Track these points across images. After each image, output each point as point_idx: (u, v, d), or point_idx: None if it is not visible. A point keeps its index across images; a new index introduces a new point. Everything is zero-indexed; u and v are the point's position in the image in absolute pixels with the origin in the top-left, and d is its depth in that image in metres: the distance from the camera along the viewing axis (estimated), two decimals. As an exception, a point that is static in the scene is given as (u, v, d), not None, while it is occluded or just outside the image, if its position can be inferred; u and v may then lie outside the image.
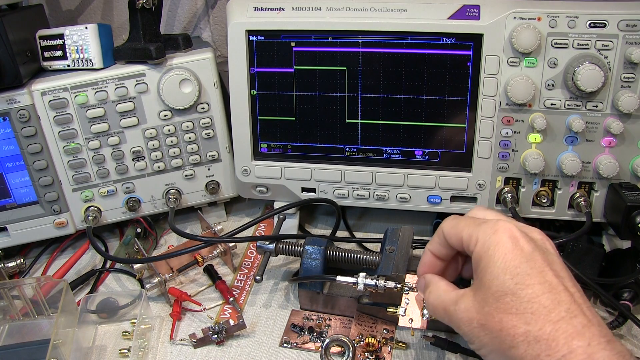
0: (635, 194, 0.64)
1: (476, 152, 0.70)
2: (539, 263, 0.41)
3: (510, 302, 0.40)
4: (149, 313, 0.67)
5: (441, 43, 0.67)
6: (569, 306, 0.38)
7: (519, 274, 0.40)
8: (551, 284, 0.39)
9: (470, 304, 0.43)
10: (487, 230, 0.44)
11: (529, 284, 0.39)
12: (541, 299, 0.39)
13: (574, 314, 0.38)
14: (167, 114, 0.75)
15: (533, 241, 0.43)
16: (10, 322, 0.68)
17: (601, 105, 0.64)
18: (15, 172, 0.74)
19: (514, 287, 0.40)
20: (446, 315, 0.47)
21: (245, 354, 0.62)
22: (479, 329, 0.42)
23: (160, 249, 0.83)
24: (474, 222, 0.46)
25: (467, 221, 0.47)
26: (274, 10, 0.70)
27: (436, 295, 0.49)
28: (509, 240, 0.42)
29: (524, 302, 0.39)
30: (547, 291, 0.39)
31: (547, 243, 0.44)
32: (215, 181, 0.81)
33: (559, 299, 0.39)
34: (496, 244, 0.42)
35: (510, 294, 0.40)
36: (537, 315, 0.38)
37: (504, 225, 0.43)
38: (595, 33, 0.62)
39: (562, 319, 0.38)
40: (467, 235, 0.45)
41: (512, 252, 0.41)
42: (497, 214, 0.48)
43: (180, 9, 0.95)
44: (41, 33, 0.73)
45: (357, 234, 0.83)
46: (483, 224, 0.45)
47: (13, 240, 0.76)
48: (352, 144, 0.74)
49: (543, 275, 0.40)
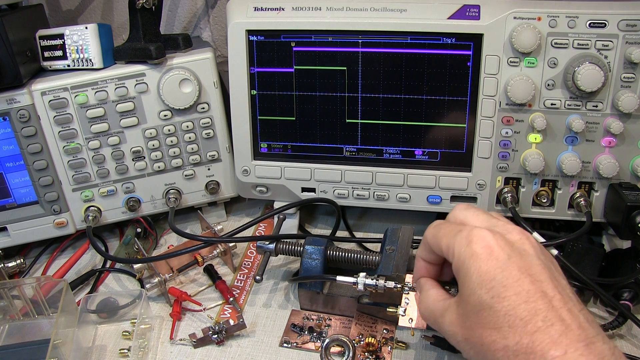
0: (635, 194, 0.64)
1: (476, 152, 0.70)
2: (515, 271, 0.40)
3: (488, 317, 0.39)
4: (149, 313, 0.67)
5: (441, 43, 0.67)
6: (546, 314, 0.38)
7: (494, 286, 0.39)
8: (528, 293, 0.39)
9: (454, 317, 0.43)
10: (461, 241, 0.43)
11: (505, 296, 0.39)
12: (517, 311, 0.38)
13: (551, 322, 0.37)
14: (167, 114, 0.75)
15: (510, 245, 0.42)
16: (10, 322, 0.68)
17: (601, 105, 0.64)
18: (15, 172, 0.74)
19: (490, 301, 0.39)
20: (436, 326, 0.47)
21: (245, 354, 0.62)
22: (464, 343, 0.42)
23: (160, 249, 0.83)
24: (452, 230, 0.45)
25: (445, 229, 0.46)
26: (274, 10, 0.70)
27: (425, 306, 0.49)
28: (483, 251, 0.41)
29: (500, 315, 0.39)
30: (523, 301, 0.38)
31: (527, 243, 0.43)
32: (215, 181, 0.81)
33: (535, 308, 0.38)
34: (470, 257, 0.41)
35: (487, 309, 0.39)
36: (514, 328, 0.38)
37: (478, 235, 0.42)
38: (595, 33, 0.62)
39: (538, 329, 0.37)
40: (445, 246, 0.45)
41: (486, 264, 0.40)
42: (475, 213, 0.47)
43: (180, 9, 0.95)
44: (41, 33, 0.73)
45: (357, 234, 0.83)
46: (459, 233, 0.44)
47: (13, 240, 0.76)
48: (352, 144, 0.74)
49: (519, 284, 0.39)
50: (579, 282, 0.62)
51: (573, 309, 0.39)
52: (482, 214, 0.47)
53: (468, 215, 0.47)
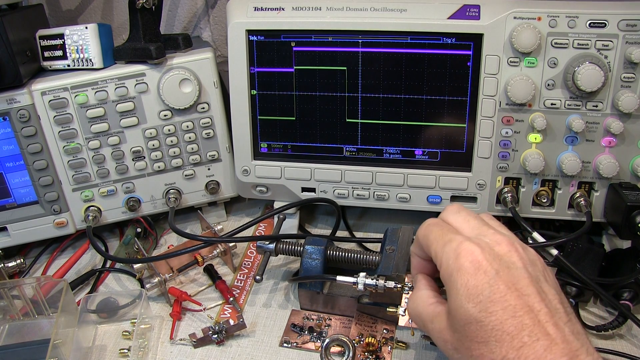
0: (635, 194, 0.64)
1: (476, 152, 0.70)
2: (502, 287, 0.40)
3: (476, 331, 0.40)
4: (149, 313, 0.67)
5: (441, 43, 0.67)
6: (532, 329, 0.38)
7: (482, 301, 0.40)
8: (514, 308, 0.39)
9: (443, 325, 0.44)
10: (450, 254, 0.43)
11: (493, 310, 0.39)
12: (504, 326, 0.39)
13: (536, 337, 0.38)
14: (167, 113, 0.75)
15: (498, 259, 0.42)
16: (10, 322, 0.68)
17: (601, 105, 0.64)
18: (15, 172, 0.74)
19: (478, 315, 0.40)
20: (424, 329, 0.47)
21: (245, 354, 0.62)
22: (453, 352, 0.43)
23: (160, 249, 0.83)
24: (441, 238, 0.45)
25: (435, 234, 0.46)
26: (274, 10, 0.70)
27: (414, 306, 0.49)
28: (471, 266, 0.41)
29: (488, 330, 0.39)
30: (510, 316, 0.39)
31: (514, 256, 0.42)
32: (215, 181, 0.81)
33: (522, 323, 0.38)
34: (458, 270, 0.42)
35: (474, 322, 0.40)
36: (501, 342, 0.38)
37: (467, 249, 0.42)
38: (595, 33, 0.62)
39: (524, 345, 0.38)
40: (434, 253, 0.45)
41: (474, 278, 0.41)
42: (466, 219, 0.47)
43: (180, 9, 0.95)
44: (41, 33, 0.73)
45: (357, 234, 0.83)
46: (448, 244, 0.44)
47: (13, 240, 0.76)
48: (352, 143, 0.74)
49: (506, 299, 0.39)
50: (579, 282, 0.62)
51: (559, 322, 0.39)
52: (473, 219, 0.47)
53: (458, 220, 0.47)
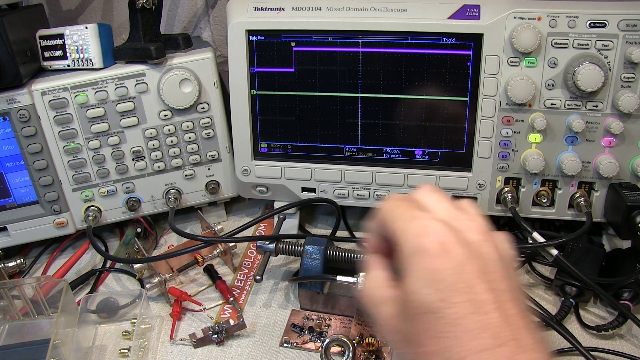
0: (635, 194, 0.64)
1: (476, 152, 0.70)
2: (470, 275, 0.33)
3: (429, 323, 0.33)
4: (149, 313, 0.67)
5: (441, 43, 0.67)
6: (498, 330, 0.31)
7: (443, 289, 0.33)
8: (480, 302, 0.32)
9: (394, 311, 0.36)
10: (413, 230, 0.36)
11: (455, 301, 0.32)
12: (465, 322, 0.32)
13: (502, 340, 0.31)
14: (167, 113, 0.75)
15: (467, 245, 0.35)
16: (10, 322, 0.68)
17: (601, 105, 0.64)
18: (15, 172, 0.74)
19: (436, 304, 0.33)
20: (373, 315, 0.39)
21: (245, 354, 0.62)
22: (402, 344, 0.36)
23: (160, 249, 0.83)
24: (407, 214, 0.37)
25: (402, 209, 0.38)
26: (274, 10, 0.70)
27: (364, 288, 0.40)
28: (437, 248, 0.34)
29: (444, 323, 0.32)
30: (474, 311, 0.32)
31: (485, 245, 0.35)
32: (215, 181, 0.81)
33: (486, 321, 0.32)
34: (420, 251, 0.35)
35: (430, 313, 0.33)
36: (458, 341, 0.32)
37: (435, 229, 0.35)
38: (595, 33, 0.62)
39: (485, 349, 0.31)
40: (396, 228, 0.37)
41: (438, 262, 0.34)
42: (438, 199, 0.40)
43: (180, 9, 0.95)
44: (41, 33, 0.73)
45: (357, 234, 0.83)
46: (413, 220, 0.36)
47: (13, 240, 0.76)
48: (352, 143, 0.74)
49: (473, 290, 0.33)
50: (579, 282, 0.62)
51: (530, 325, 0.33)
52: (447, 201, 0.40)
53: (432, 200, 0.40)
